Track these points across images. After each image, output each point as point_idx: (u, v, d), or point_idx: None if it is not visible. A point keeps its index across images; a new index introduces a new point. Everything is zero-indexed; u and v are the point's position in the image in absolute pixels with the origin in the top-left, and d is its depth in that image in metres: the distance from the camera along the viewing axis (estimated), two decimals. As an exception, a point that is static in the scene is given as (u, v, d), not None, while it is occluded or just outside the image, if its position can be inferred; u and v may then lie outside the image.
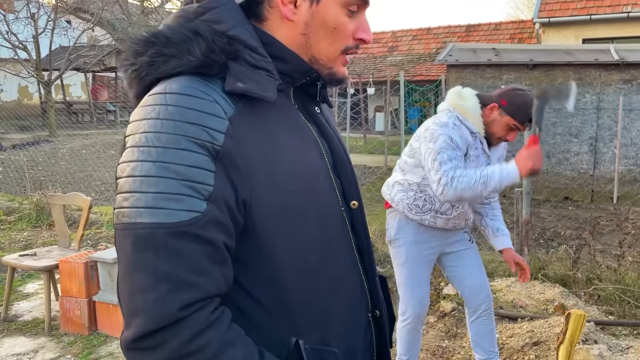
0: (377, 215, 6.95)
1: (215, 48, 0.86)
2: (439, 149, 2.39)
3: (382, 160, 11.11)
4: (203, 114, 0.81)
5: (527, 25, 18.89)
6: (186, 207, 0.78)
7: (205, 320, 0.78)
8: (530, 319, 3.66)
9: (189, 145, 0.79)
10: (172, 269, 0.77)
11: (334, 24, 0.93)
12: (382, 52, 21.09)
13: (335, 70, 0.99)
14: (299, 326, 0.91)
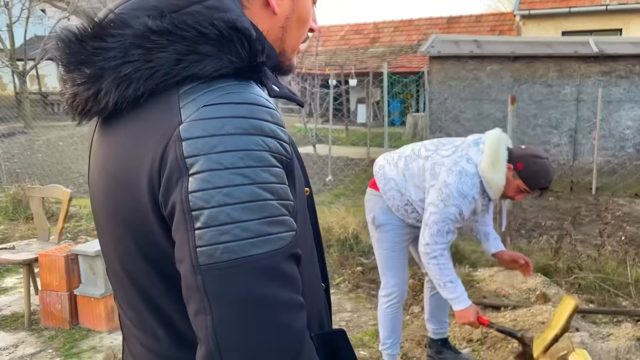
0: (361, 207, 6.96)
1: (257, 48, 0.76)
2: (444, 218, 2.47)
3: (364, 152, 11.12)
4: (275, 126, 0.74)
5: (507, 17, 19.02)
6: (288, 228, 0.72)
7: (308, 335, 0.76)
8: (513, 308, 3.70)
9: (274, 162, 0.72)
10: (291, 295, 0.72)
11: (306, 17, 0.91)
12: (364, 43, 21.05)
13: (293, 61, 0.95)
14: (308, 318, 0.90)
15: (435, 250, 2.49)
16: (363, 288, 4.43)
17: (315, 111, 12.26)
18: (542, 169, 2.42)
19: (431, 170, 2.57)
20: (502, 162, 2.46)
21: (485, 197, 2.55)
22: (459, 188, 2.44)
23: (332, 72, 11.31)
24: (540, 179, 2.43)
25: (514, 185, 2.49)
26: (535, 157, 2.44)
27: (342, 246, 4.89)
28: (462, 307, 2.53)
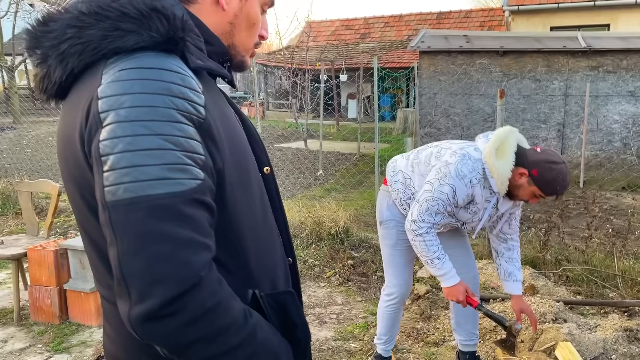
0: (353, 201, 6.98)
1: (177, 25, 0.87)
2: (437, 197, 2.41)
3: (355, 147, 11.14)
4: (186, 89, 0.84)
5: (496, 13, 19.10)
6: (191, 175, 0.82)
7: (216, 278, 0.84)
8: (501, 299, 3.74)
9: (181, 119, 0.82)
10: (191, 234, 0.80)
11: (254, 19, 1.05)
12: (355, 38, 21.05)
13: (246, 59, 1.10)
14: (255, 278, 1.00)
15: (421, 227, 2.44)
16: (353, 281, 4.45)
17: (306, 106, 12.25)
18: (558, 176, 2.31)
19: (437, 153, 2.56)
20: (508, 152, 2.38)
21: (488, 190, 2.44)
22: (458, 168, 2.39)
23: (323, 67, 11.30)
24: (556, 185, 2.34)
25: (528, 191, 2.40)
26: (550, 163, 2.33)
27: (333, 240, 4.90)
28: (450, 284, 2.51)
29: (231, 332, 0.85)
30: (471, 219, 2.55)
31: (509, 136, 2.41)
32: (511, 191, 2.44)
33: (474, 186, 2.40)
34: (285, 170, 9.25)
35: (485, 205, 2.50)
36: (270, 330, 0.96)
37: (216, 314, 0.83)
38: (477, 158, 2.41)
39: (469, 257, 2.83)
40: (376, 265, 4.67)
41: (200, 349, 0.83)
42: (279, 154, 10.99)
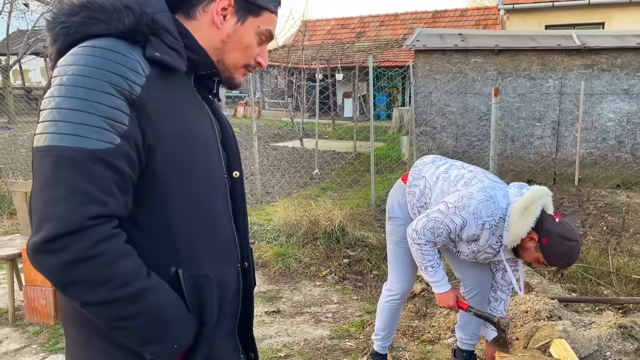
0: (347, 200, 6.98)
1: (142, 21, 1.03)
2: (445, 222, 2.41)
3: (351, 146, 11.14)
4: (126, 69, 0.99)
5: (491, 11, 19.13)
6: (104, 138, 0.95)
7: (106, 232, 0.94)
8: (497, 297, 3.74)
9: (111, 91, 0.96)
10: (87, 186, 0.92)
11: (247, 43, 1.19)
12: (350, 37, 21.04)
13: (235, 76, 1.23)
14: (180, 257, 1.08)
15: (420, 239, 2.48)
16: (349, 280, 4.46)
17: (302, 105, 12.24)
18: (566, 252, 2.29)
19: (468, 180, 2.53)
20: (533, 213, 2.36)
21: (496, 238, 2.43)
22: (478, 206, 2.37)
23: (319, 66, 11.29)
24: (562, 260, 2.34)
25: (533, 256, 2.40)
26: (563, 239, 2.29)
27: (329, 239, 4.91)
28: (441, 291, 2.55)
29: (113, 285, 0.94)
30: (468, 254, 2.55)
31: (541, 198, 2.40)
32: (517, 249, 2.45)
33: (484, 230, 2.39)
34: (281, 169, 9.25)
35: (488, 250, 2.49)
36: (170, 301, 1.03)
37: (97, 263, 0.93)
38: (501, 205, 2.39)
39: (486, 272, 2.80)
40: (372, 264, 4.68)
41: (81, 292, 0.94)
42: (274, 153, 10.98)
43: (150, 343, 1.02)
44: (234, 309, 1.22)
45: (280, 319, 3.76)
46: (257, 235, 5.28)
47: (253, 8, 1.18)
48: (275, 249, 4.88)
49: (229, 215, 1.19)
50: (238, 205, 1.22)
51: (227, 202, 1.19)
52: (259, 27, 1.19)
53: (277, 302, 4.05)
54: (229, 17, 1.16)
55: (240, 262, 1.23)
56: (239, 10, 1.17)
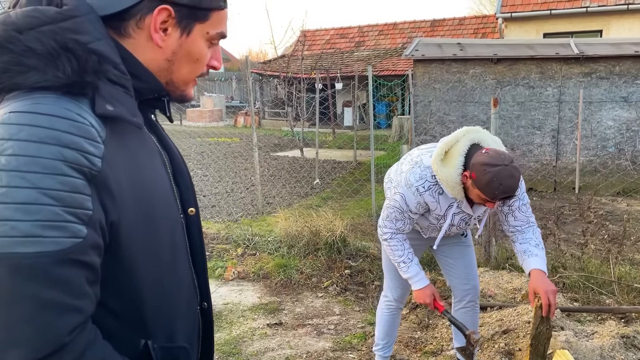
0: (348, 210, 6.99)
1: (88, 68, 0.83)
2: (391, 205, 2.50)
3: (351, 155, 11.17)
4: (80, 139, 0.79)
5: (489, 20, 19.24)
6: (69, 234, 0.77)
7: (86, 341, 0.80)
8: (499, 308, 3.74)
9: (68, 171, 0.77)
10: (57, 296, 0.76)
11: (198, 55, 0.99)
12: (349, 47, 21.15)
13: (187, 92, 1.04)
14: (150, 328, 0.96)
15: (385, 233, 2.54)
16: (351, 291, 4.45)
17: (302, 115, 12.28)
18: (494, 179, 2.15)
19: (402, 161, 2.65)
20: (455, 157, 2.30)
21: (445, 195, 2.41)
22: (407, 177, 2.42)
23: (318, 75, 11.34)
24: (493, 189, 2.17)
25: (475, 194, 2.30)
26: (485, 166, 2.18)
27: (330, 249, 4.91)
28: (418, 287, 2.57)
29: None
30: (439, 224, 2.56)
31: (465, 136, 2.34)
32: (467, 195, 2.37)
33: (422, 194, 2.40)
34: (281, 179, 9.26)
35: (452, 210, 2.46)
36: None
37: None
38: (427, 165, 2.40)
39: (470, 267, 2.84)
40: (373, 274, 4.67)
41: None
42: (274, 163, 11.00)
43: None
44: (194, 354, 1.12)
45: (282, 331, 3.76)
46: (259, 246, 5.28)
47: (198, 13, 0.96)
48: (276, 260, 4.88)
49: (187, 258, 1.06)
50: (195, 244, 1.09)
51: (184, 244, 1.05)
52: (209, 32, 0.99)
53: (279, 314, 4.04)
54: (171, 30, 0.94)
55: (200, 303, 1.12)
56: (182, 20, 0.95)
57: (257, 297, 4.32)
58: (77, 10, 0.84)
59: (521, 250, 2.48)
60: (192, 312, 1.09)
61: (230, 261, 5.03)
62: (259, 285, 4.58)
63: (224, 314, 4.02)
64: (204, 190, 8.28)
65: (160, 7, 0.91)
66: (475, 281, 2.85)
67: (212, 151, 12.24)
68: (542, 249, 2.47)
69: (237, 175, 9.66)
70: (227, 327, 3.81)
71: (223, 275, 4.75)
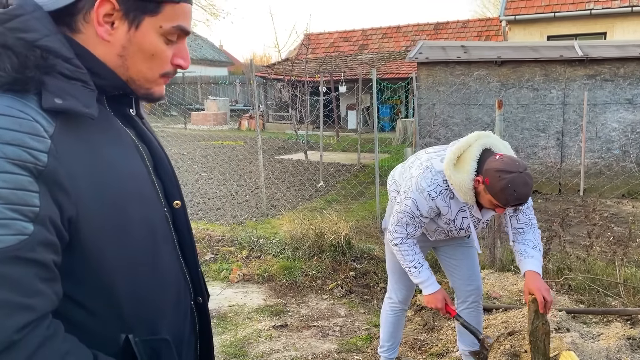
0: (353, 212, 6.99)
1: (29, 64, 0.82)
2: (402, 210, 2.48)
3: (355, 158, 11.18)
4: (23, 134, 0.78)
5: (493, 22, 19.24)
6: (12, 231, 0.76)
7: (40, 338, 0.79)
8: (504, 309, 3.74)
9: (10, 168, 0.76)
10: (4, 295, 0.75)
11: (152, 50, 0.95)
12: (353, 50, 21.18)
13: (153, 90, 1.01)
14: (129, 322, 0.95)
15: (396, 238, 2.53)
16: (356, 293, 4.46)
17: (306, 118, 12.30)
18: (507, 186, 2.16)
19: (410, 164, 2.62)
20: (468, 162, 2.30)
21: (455, 200, 2.42)
22: (418, 182, 2.41)
23: (322, 79, 11.36)
24: (507, 196, 2.19)
25: (486, 199, 2.30)
26: (500, 172, 2.18)
27: (335, 252, 4.92)
28: (429, 292, 2.57)
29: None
30: (448, 227, 2.56)
31: (477, 141, 2.35)
32: (477, 199, 2.38)
33: (434, 199, 2.40)
34: (286, 182, 9.28)
35: (462, 214, 2.48)
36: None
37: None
38: (439, 170, 2.40)
39: (473, 267, 2.85)
40: (378, 276, 4.68)
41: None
42: (279, 166, 11.02)
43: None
44: (192, 348, 1.12)
45: (288, 333, 3.77)
46: (263, 248, 5.29)
47: (147, 6, 0.92)
48: (281, 263, 4.89)
49: (175, 252, 1.06)
50: (184, 237, 1.08)
51: (171, 238, 1.04)
52: (162, 26, 0.94)
53: (284, 316, 4.05)
54: (118, 24, 0.91)
55: (193, 298, 1.11)
56: (129, 13, 0.91)
57: (262, 299, 4.33)
58: (22, 9, 0.84)
59: (519, 251, 2.54)
60: (182, 306, 1.08)
61: (236, 263, 5.04)
62: (264, 287, 4.59)
63: (230, 315, 4.04)
64: (209, 193, 8.30)
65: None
66: (478, 282, 2.86)
67: (217, 154, 12.27)
68: (539, 250, 2.52)
69: (242, 178, 9.68)
70: (232, 329, 3.82)
71: (228, 277, 4.76)
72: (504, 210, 2.34)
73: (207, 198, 7.99)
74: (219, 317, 4.00)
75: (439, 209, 2.44)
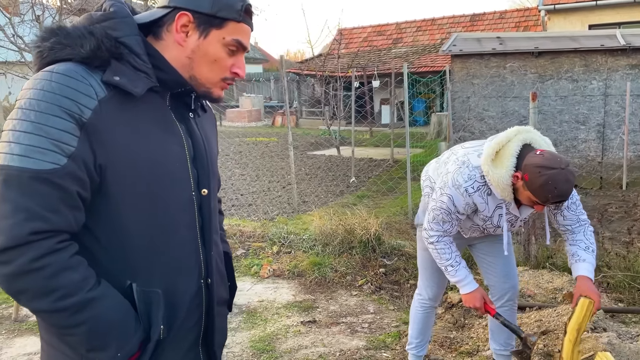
0: (384, 208, 6.93)
1: (102, 47, 1.10)
2: (438, 206, 2.41)
3: (388, 153, 11.08)
4: (78, 92, 1.05)
5: (532, 12, 18.70)
6: (49, 159, 1.01)
7: (49, 247, 1.01)
8: (538, 308, 3.63)
9: (61, 114, 1.03)
10: (30, 204, 0.99)
11: (214, 57, 1.20)
12: (387, 44, 20.97)
13: (212, 91, 1.24)
14: (133, 270, 1.14)
15: (432, 236, 2.46)
16: (386, 290, 4.41)
17: (338, 114, 12.27)
18: (548, 182, 2.07)
19: (446, 159, 2.54)
20: (507, 157, 2.22)
21: (492, 197, 2.34)
22: (454, 178, 2.34)
23: (354, 74, 11.29)
24: (547, 193, 2.10)
25: (525, 196, 2.22)
26: (541, 168, 2.09)
27: (365, 248, 4.88)
28: (467, 291, 2.50)
29: (56, 296, 1.02)
30: (485, 225, 2.48)
31: (517, 136, 2.26)
32: (516, 196, 2.29)
33: (472, 195, 2.33)
34: (317, 177, 9.28)
35: (499, 211, 2.39)
36: (116, 312, 1.09)
37: (39, 276, 1.01)
38: (476, 165, 2.32)
39: (509, 266, 2.75)
40: (408, 273, 4.62)
41: (28, 302, 1.03)
42: (311, 162, 11.03)
43: (94, 349, 1.09)
44: (191, 324, 1.26)
45: (316, 329, 3.76)
46: (294, 244, 5.30)
47: (215, 21, 1.17)
48: (311, 259, 4.89)
49: (194, 232, 1.23)
50: (206, 222, 1.26)
51: (193, 219, 1.22)
52: (225, 38, 1.19)
53: (313, 311, 4.05)
54: (191, 33, 1.17)
55: (204, 278, 1.27)
56: (201, 25, 1.17)
57: (291, 295, 4.34)
58: (115, 14, 1.15)
59: (570, 252, 2.44)
60: (190, 281, 1.23)
61: (266, 259, 5.07)
62: (294, 283, 4.60)
63: (259, 311, 4.06)
64: (242, 189, 8.37)
65: (181, 12, 1.15)
66: (514, 280, 2.77)
67: (250, 151, 12.38)
68: (592, 251, 2.41)
69: (274, 174, 9.73)
70: (261, 325, 3.84)
71: (259, 272, 4.79)
72: (543, 208, 2.26)
73: (240, 194, 8.06)
74: (249, 313, 4.03)
75: (476, 206, 2.37)
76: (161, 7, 1.19)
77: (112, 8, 1.16)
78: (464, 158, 2.38)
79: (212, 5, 1.16)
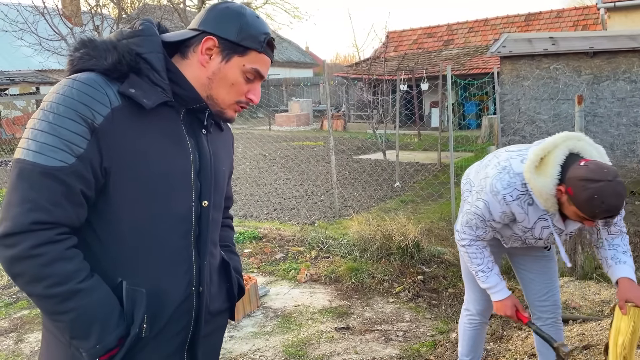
0: (424, 214, 6.81)
1: (123, 61, 1.20)
2: (472, 211, 2.30)
3: (435, 157, 10.88)
4: (93, 100, 1.15)
5: (591, 11, 17.94)
6: (59, 157, 1.11)
7: (48, 237, 1.11)
8: (582, 321, 3.46)
9: (75, 118, 1.13)
10: (36, 196, 1.10)
11: (232, 81, 1.29)
12: (437, 46, 20.65)
13: (226, 111, 1.33)
14: (124, 268, 1.22)
15: (464, 239, 2.36)
16: (424, 297, 4.33)
17: (386, 117, 12.16)
18: (594, 197, 1.91)
19: (487, 163, 2.42)
20: (551, 165, 2.05)
21: (534, 207, 2.18)
22: (493, 183, 2.19)
23: (399, 77, 11.17)
24: (594, 208, 1.93)
25: (571, 211, 2.05)
26: (585, 181, 1.93)
27: (403, 254, 4.80)
28: (498, 299, 2.38)
29: (48, 283, 1.11)
30: (525, 236, 2.33)
31: (563, 143, 2.08)
32: (561, 210, 2.12)
33: (509, 204, 2.18)
34: (362, 182, 9.22)
35: (542, 223, 2.23)
36: (101, 305, 1.16)
37: (35, 263, 1.10)
38: (517, 172, 2.17)
39: (551, 283, 2.59)
40: (447, 281, 4.51)
41: (23, 285, 1.13)
42: (356, 166, 10.98)
43: (76, 338, 1.17)
44: (179, 328, 1.31)
45: (350, 336, 3.73)
46: (332, 249, 5.29)
47: (238, 48, 1.27)
48: (348, 264, 4.86)
49: (189, 240, 1.30)
50: (203, 232, 1.33)
51: (189, 228, 1.30)
52: (245, 65, 1.28)
53: (348, 318, 4.02)
54: (215, 56, 1.27)
55: (195, 285, 1.32)
56: (224, 50, 1.27)
57: (327, 300, 4.33)
58: (142, 32, 1.26)
59: (607, 257, 2.27)
60: (179, 287, 1.29)
61: (304, 263, 5.08)
62: (331, 288, 4.58)
63: (294, 315, 4.07)
64: (286, 193, 8.44)
65: (208, 36, 1.26)
66: (555, 297, 2.60)
67: (296, 155, 12.46)
68: (630, 256, 2.26)
69: (318, 178, 9.75)
70: (295, 329, 3.84)
71: (296, 277, 4.81)
72: (593, 223, 2.10)
73: (283, 198, 8.13)
74: (284, 317, 4.04)
75: (514, 215, 2.22)
76: (191, 29, 1.29)
77: (140, 26, 1.28)
78: (505, 163, 2.24)
79: (237, 34, 1.25)
